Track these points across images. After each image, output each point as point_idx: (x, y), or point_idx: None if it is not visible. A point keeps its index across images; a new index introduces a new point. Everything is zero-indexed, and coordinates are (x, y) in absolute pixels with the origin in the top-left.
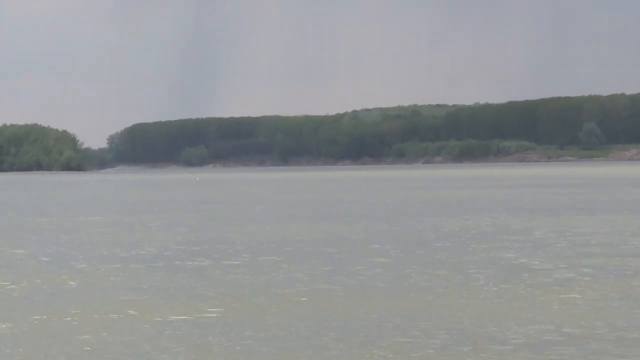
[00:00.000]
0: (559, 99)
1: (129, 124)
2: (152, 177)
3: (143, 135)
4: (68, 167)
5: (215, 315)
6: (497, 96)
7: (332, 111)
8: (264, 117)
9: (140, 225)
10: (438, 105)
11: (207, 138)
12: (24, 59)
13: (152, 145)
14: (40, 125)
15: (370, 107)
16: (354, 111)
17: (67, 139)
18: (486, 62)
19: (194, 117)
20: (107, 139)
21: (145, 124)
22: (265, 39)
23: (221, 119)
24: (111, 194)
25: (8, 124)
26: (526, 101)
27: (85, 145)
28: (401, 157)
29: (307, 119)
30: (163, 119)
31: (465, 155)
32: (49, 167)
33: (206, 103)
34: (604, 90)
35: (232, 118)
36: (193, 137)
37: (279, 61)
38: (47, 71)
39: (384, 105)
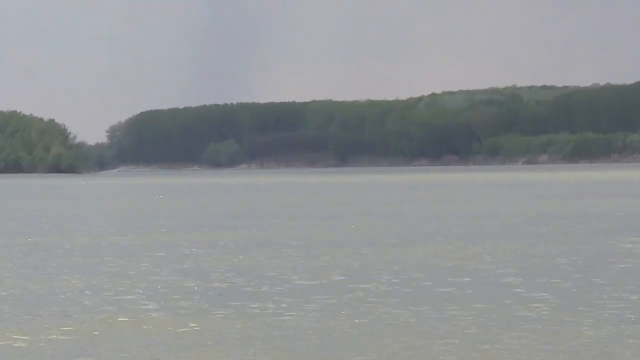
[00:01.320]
0: None
1: (135, 112)
2: (168, 181)
3: (154, 126)
4: (57, 167)
5: None
6: (622, 75)
7: (404, 95)
8: (314, 102)
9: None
10: (544, 88)
11: (238, 130)
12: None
13: (166, 140)
14: (20, 112)
15: (454, 89)
16: (432, 95)
17: (55, 131)
18: (608, 32)
19: (221, 102)
20: (107, 132)
21: (157, 111)
22: (315, 4)
23: (257, 105)
24: (114, 203)
25: None
26: None
27: (78, 140)
28: (494, 155)
29: (371, 105)
30: (181, 105)
31: (580, 153)
32: (31, 168)
33: (237, 84)
34: None
35: (271, 104)
36: (220, 128)
37: (333, 32)
38: (31, 42)
39: (471, 87)
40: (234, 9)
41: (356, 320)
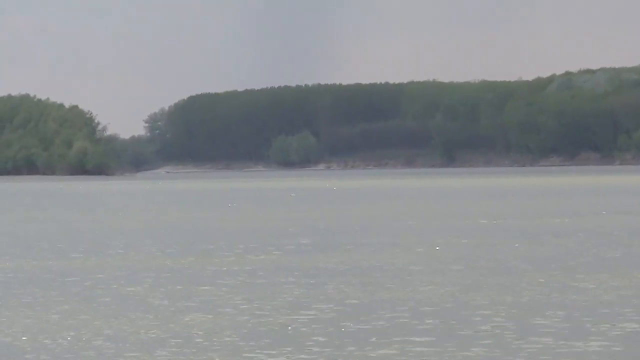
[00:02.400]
0: None
1: (182, 96)
2: (231, 185)
3: (206, 114)
4: (81, 168)
5: None
6: None
7: (529, 74)
8: (413, 84)
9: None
10: None
11: (315, 119)
12: None
13: (221, 132)
14: (34, 97)
15: (594, 66)
16: (567, 74)
17: (78, 121)
18: None
19: (292, 84)
20: (146, 122)
21: (210, 95)
22: None
23: (339, 87)
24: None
25: None
26: None
27: (109, 132)
28: None
29: (486, 88)
30: (240, 88)
31: None
32: (48, 169)
33: (313, 61)
34: None
35: (357, 86)
36: (292, 117)
37: None
38: (47, 9)
39: (616, 65)
40: None
41: None
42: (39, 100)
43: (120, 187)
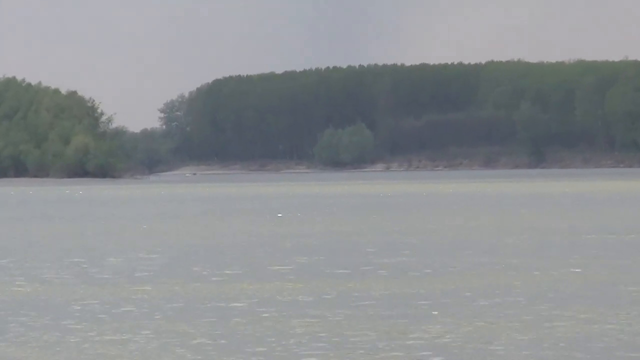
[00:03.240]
0: None
1: (205, 80)
2: (275, 189)
3: (236, 102)
4: (80, 169)
5: None
6: None
7: (637, 53)
8: (492, 64)
9: None
10: None
11: (372, 108)
12: None
13: (255, 124)
14: (23, 80)
15: None
16: None
17: (78, 110)
18: None
19: (343, 64)
20: (162, 111)
21: (240, 78)
22: None
23: (400, 68)
24: None
25: None
26: None
27: (115, 124)
28: None
29: (584, 69)
30: (278, 70)
31: None
32: (40, 170)
33: (367, 38)
34: None
35: (423, 67)
36: (343, 105)
37: None
38: None
39: None
40: None
41: None
42: (29, 84)
43: (133, 192)
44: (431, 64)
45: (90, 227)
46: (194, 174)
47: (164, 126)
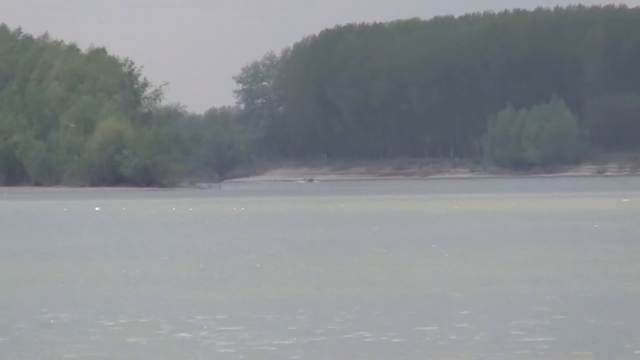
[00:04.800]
0: None
1: (305, 32)
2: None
3: (353, 65)
4: (110, 172)
5: None
6: None
7: None
8: None
9: None
10: None
11: (573, 76)
12: None
13: (384, 102)
14: (19, 31)
15: None
16: None
17: (107, 75)
18: None
19: (527, 6)
20: (238, 81)
21: (363, 28)
22: None
23: (622, 11)
24: None
25: None
26: None
27: (167, 102)
28: None
29: None
30: (424, 16)
31: None
32: (46, 175)
33: None
34: None
35: None
36: (524, 70)
37: None
38: None
39: None
40: None
41: None
42: (28, 37)
43: (201, 214)
44: None
45: None
46: (311, 180)
47: (242, 105)
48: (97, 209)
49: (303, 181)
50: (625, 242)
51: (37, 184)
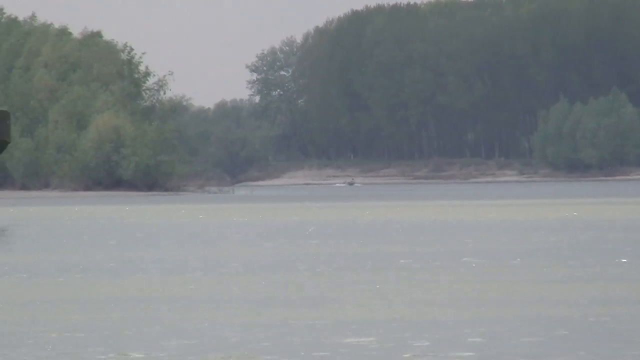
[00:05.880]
0: None
1: (330, 14)
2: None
3: (385, 51)
4: (107, 175)
5: None
6: None
7: None
8: None
9: None
10: None
11: (637, 64)
12: None
13: (419, 93)
14: (2, 12)
15: None
16: None
17: (104, 62)
18: None
19: None
20: (252, 70)
21: (396, 7)
22: None
23: None
24: None
25: None
26: None
27: (172, 93)
28: None
29: None
30: None
31: None
32: (33, 177)
33: None
34: None
35: None
36: (582, 58)
37: None
38: None
39: None
40: None
41: None
42: (13, 19)
43: (212, 222)
44: None
45: None
46: (351, 183)
47: (257, 97)
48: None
49: (343, 184)
50: None
51: (24, 187)
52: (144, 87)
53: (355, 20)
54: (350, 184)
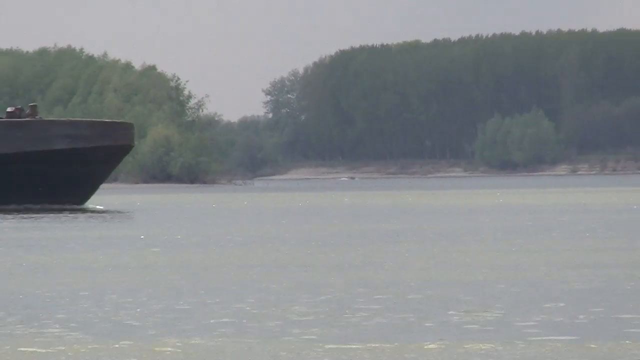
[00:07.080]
0: None
1: (324, 52)
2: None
3: (364, 80)
4: (160, 171)
5: None
6: None
7: None
8: None
9: None
10: None
11: (553, 90)
12: None
13: (390, 111)
14: (82, 51)
15: None
16: None
17: (157, 89)
18: None
19: (513, 30)
20: (267, 93)
21: (373, 49)
22: None
23: (593, 35)
24: None
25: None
26: None
27: (207, 111)
28: None
29: None
30: (425, 38)
31: None
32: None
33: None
34: None
35: (623, 32)
36: (512, 86)
37: None
38: None
39: None
40: None
41: None
42: (90, 57)
43: (243, 201)
44: (632, 29)
45: None
46: (352, 177)
47: (271, 114)
48: (213, 205)
49: (346, 179)
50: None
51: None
52: (187, 107)
53: (343, 57)
54: (352, 178)
